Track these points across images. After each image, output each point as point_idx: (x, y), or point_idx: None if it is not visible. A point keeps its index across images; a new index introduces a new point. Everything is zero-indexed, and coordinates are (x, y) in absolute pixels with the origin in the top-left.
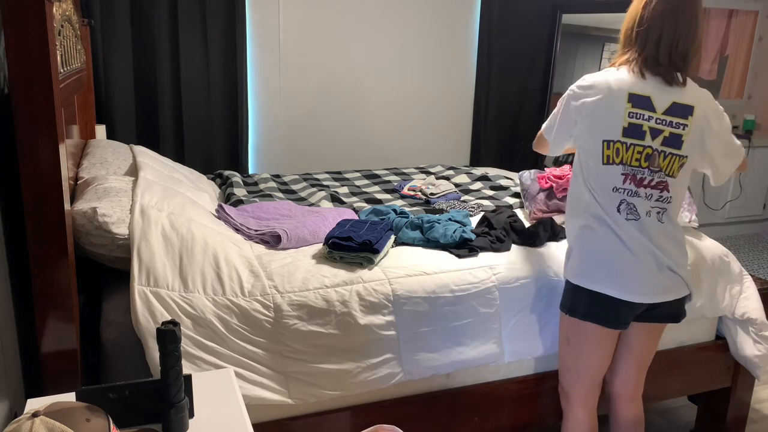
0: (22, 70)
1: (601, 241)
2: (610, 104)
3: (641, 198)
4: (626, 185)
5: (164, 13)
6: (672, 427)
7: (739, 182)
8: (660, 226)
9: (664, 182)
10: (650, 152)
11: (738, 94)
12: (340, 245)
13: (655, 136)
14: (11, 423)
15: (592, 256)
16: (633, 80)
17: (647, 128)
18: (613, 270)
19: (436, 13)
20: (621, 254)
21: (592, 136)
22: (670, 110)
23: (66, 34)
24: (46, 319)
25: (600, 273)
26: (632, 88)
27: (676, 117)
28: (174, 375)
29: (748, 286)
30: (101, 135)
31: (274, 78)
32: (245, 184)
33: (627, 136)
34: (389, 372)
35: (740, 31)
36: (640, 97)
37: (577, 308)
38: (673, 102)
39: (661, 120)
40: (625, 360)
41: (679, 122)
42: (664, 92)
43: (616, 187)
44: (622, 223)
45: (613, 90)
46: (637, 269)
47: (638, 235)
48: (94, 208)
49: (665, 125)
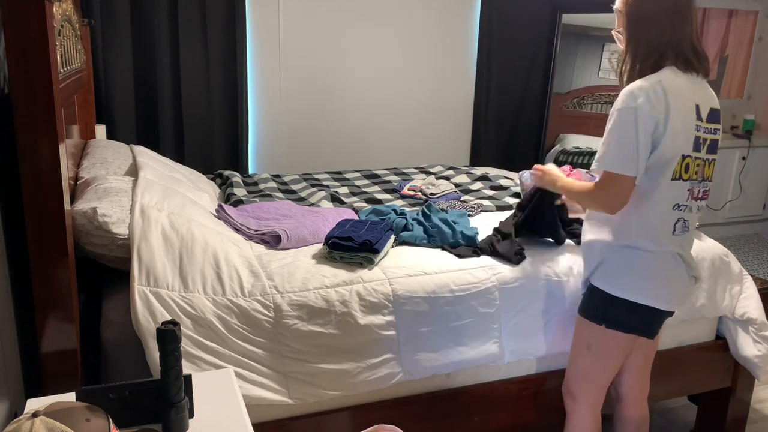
0: (22, 70)
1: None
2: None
3: (693, 212)
4: (687, 201)
5: (164, 13)
6: (672, 427)
7: (739, 182)
8: (692, 234)
9: (707, 191)
10: (700, 163)
11: (738, 94)
12: (340, 245)
13: (704, 146)
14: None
15: (637, 270)
16: (688, 82)
17: (702, 139)
18: (659, 282)
19: (436, 13)
20: (668, 267)
21: (671, 151)
22: (710, 117)
23: (66, 34)
24: (46, 319)
25: (647, 285)
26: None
27: (713, 123)
28: (174, 375)
29: (748, 286)
30: (101, 135)
31: (274, 78)
32: (245, 184)
33: (695, 150)
34: (389, 372)
35: (740, 31)
36: (697, 106)
37: (618, 320)
38: (711, 108)
39: (706, 129)
40: (635, 362)
41: (716, 128)
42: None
43: (679, 204)
44: (673, 239)
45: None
46: (678, 280)
47: (681, 247)
48: (94, 208)
49: (708, 133)
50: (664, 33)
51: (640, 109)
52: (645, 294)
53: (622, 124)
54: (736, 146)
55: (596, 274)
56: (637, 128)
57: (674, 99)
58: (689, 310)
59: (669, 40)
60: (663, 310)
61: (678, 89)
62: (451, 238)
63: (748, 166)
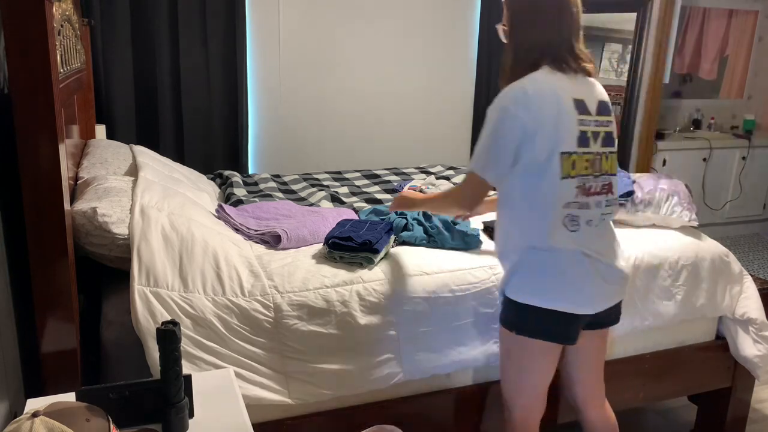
0: (22, 70)
1: (548, 258)
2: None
3: (592, 208)
4: (578, 198)
5: (164, 13)
6: (672, 427)
7: (739, 182)
8: (606, 231)
9: (608, 184)
10: (591, 158)
11: (738, 94)
12: (340, 245)
13: (596, 140)
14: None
15: (539, 274)
16: (566, 80)
17: (591, 133)
18: (562, 284)
19: (436, 13)
20: (568, 267)
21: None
22: (600, 110)
23: (66, 34)
24: (46, 319)
25: (549, 289)
26: (572, 91)
27: (605, 116)
28: (174, 375)
29: (748, 286)
30: (101, 135)
31: (274, 78)
32: (245, 184)
33: (580, 146)
34: (389, 372)
35: (740, 31)
36: (580, 101)
37: (526, 326)
38: (600, 101)
39: (597, 122)
40: (580, 369)
41: (608, 120)
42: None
43: (568, 202)
44: (571, 236)
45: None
46: (584, 279)
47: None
48: (94, 208)
49: (600, 126)
50: (544, 33)
51: (508, 112)
52: (548, 298)
53: (490, 126)
54: (736, 146)
55: (507, 283)
56: (504, 133)
57: (548, 99)
58: (689, 310)
59: (548, 40)
60: (571, 314)
61: (552, 89)
62: (450, 242)
63: (748, 166)
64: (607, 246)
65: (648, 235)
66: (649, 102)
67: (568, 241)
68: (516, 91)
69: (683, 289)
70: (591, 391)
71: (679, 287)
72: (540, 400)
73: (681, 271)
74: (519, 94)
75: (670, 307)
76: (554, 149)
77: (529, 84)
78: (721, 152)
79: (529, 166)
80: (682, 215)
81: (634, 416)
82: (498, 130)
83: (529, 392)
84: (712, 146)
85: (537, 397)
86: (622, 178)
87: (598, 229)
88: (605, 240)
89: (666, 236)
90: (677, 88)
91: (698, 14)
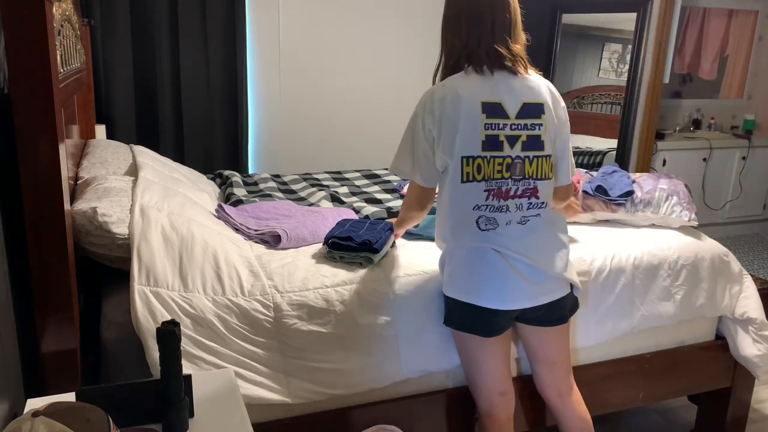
0: (22, 70)
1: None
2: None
3: (512, 211)
4: (489, 201)
5: (164, 14)
6: (672, 427)
7: (739, 182)
8: (534, 232)
9: (532, 188)
10: (504, 162)
11: (738, 94)
12: (340, 245)
13: (514, 144)
14: (11, 423)
15: (458, 268)
16: (480, 82)
17: (504, 137)
18: (471, 280)
19: (436, 13)
20: (480, 264)
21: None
22: (523, 113)
23: (66, 34)
24: (46, 319)
25: (465, 284)
26: (483, 94)
27: (530, 119)
28: (174, 375)
29: (747, 286)
30: (101, 135)
31: (274, 78)
32: (245, 184)
33: (486, 150)
34: (389, 371)
35: (740, 31)
36: (492, 104)
37: (452, 319)
38: (524, 104)
39: (517, 125)
40: (532, 361)
41: (535, 123)
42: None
43: (478, 204)
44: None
45: (464, 100)
46: (496, 277)
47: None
48: (94, 208)
49: (522, 129)
50: (461, 36)
51: (417, 116)
52: (461, 291)
53: (409, 129)
54: (736, 146)
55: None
56: (416, 136)
57: (450, 104)
58: (689, 310)
59: (464, 43)
60: (485, 308)
61: (458, 93)
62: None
63: (748, 166)
64: (532, 247)
65: (647, 235)
66: (649, 102)
67: (478, 240)
68: (425, 96)
69: (683, 289)
70: (547, 383)
71: (679, 287)
72: (497, 394)
73: (681, 271)
74: (426, 99)
75: (669, 307)
76: (455, 153)
77: (438, 89)
78: (721, 152)
79: (440, 167)
80: (682, 215)
81: (634, 416)
82: (414, 137)
83: (482, 386)
84: (712, 146)
85: (492, 390)
86: (621, 177)
87: (523, 231)
88: (531, 241)
89: (666, 236)
90: (677, 88)
91: (698, 14)
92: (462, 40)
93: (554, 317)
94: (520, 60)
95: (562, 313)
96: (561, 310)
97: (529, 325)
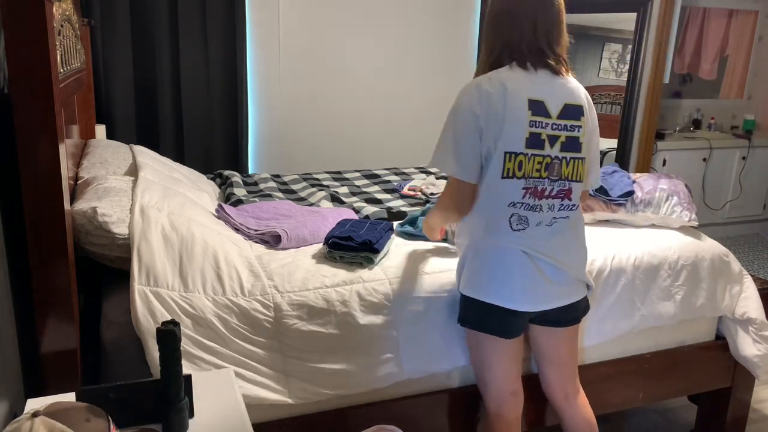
0: (22, 70)
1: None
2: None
3: (545, 211)
4: (527, 200)
5: (164, 14)
6: (672, 427)
7: (739, 182)
8: (559, 233)
9: (566, 190)
10: (543, 161)
11: (738, 94)
12: (340, 245)
13: (553, 144)
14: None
15: (483, 269)
16: (525, 78)
17: (546, 136)
18: (499, 280)
19: (436, 12)
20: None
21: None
22: (564, 114)
23: (66, 34)
24: (46, 319)
25: (491, 285)
26: (529, 90)
27: (570, 120)
28: (174, 375)
29: (748, 286)
30: (101, 135)
31: (274, 78)
32: (245, 184)
33: (528, 147)
34: (389, 372)
35: (740, 31)
36: (536, 102)
37: (470, 319)
38: (566, 104)
39: (557, 125)
40: (541, 363)
41: (574, 125)
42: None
43: (514, 202)
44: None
45: (510, 93)
46: (523, 278)
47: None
48: (94, 207)
49: (561, 130)
50: (502, 33)
51: (464, 105)
52: (485, 291)
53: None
54: (736, 146)
55: (459, 277)
56: (462, 126)
57: (498, 96)
58: (689, 310)
59: (506, 40)
60: (511, 309)
61: (505, 86)
62: None
63: (748, 166)
64: (558, 248)
65: (648, 235)
66: (649, 102)
67: (510, 240)
68: (470, 87)
69: (683, 289)
70: (555, 385)
71: (679, 287)
72: (508, 395)
73: (681, 271)
74: (472, 89)
75: (669, 307)
76: (499, 147)
77: (484, 80)
78: (721, 152)
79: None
80: (682, 215)
81: (634, 416)
82: (458, 128)
83: (493, 386)
84: (712, 146)
85: (503, 391)
86: (621, 177)
87: (550, 232)
88: (558, 243)
89: (666, 236)
90: (677, 88)
91: (698, 14)
92: (503, 37)
93: (569, 318)
94: (562, 60)
95: (576, 314)
96: (575, 311)
97: (543, 326)
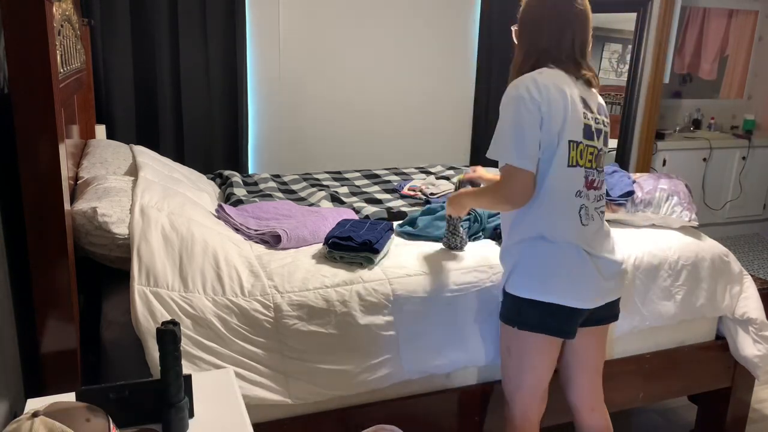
0: (22, 70)
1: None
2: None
3: (591, 200)
4: (585, 189)
5: (164, 14)
6: (672, 427)
7: (739, 182)
8: (601, 226)
9: (602, 180)
10: (594, 152)
11: (738, 94)
12: (340, 245)
13: (598, 137)
14: (11, 423)
15: (540, 267)
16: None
17: (594, 129)
18: (565, 279)
19: (437, 12)
20: (572, 262)
21: (559, 137)
22: (599, 110)
23: (66, 34)
24: (46, 319)
25: (552, 283)
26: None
27: (603, 116)
28: (174, 375)
29: (748, 286)
30: (101, 135)
31: (274, 78)
32: (245, 184)
33: (585, 138)
34: (389, 372)
35: (740, 31)
36: (582, 98)
37: (526, 321)
38: (598, 102)
39: (597, 119)
40: (576, 369)
41: (606, 120)
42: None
43: (579, 191)
44: (579, 229)
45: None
46: (586, 275)
47: (586, 242)
48: (94, 207)
49: (600, 125)
50: (542, 40)
51: (524, 97)
52: (548, 291)
53: (510, 117)
54: (736, 146)
55: (508, 280)
56: (525, 118)
57: (552, 88)
58: (689, 310)
59: (546, 47)
60: (572, 308)
61: (558, 80)
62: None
63: (748, 166)
64: (603, 241)
65: (648, 235)
66: (649, 102)
67: (574, 235)
68: (526, 80)
69: (683, 289)
70: (586, 393)
71: (679, 287)
72: (539, 398)
73: (681, 271)
74: (529, 82)
75: (670, 307)
76: (563, 135)
77: (537, 75)
78: (721, 152)
79: (545, 149)
80: (682, 215)
81: (634, 416)
82: (519, 117)
83: (529, 389)
84: (712, 146)
85: (536, 394)
86: (622, 177)
87: (594, 225)
88: (601, 235)
89: (666, 236)
90: (677, 88)
91: (698, 14)
92: (542, 44)
93: (612, 313)
94: (593, 77)
95: (617, 309)
96: (615, 308)
97: (585, 327)
